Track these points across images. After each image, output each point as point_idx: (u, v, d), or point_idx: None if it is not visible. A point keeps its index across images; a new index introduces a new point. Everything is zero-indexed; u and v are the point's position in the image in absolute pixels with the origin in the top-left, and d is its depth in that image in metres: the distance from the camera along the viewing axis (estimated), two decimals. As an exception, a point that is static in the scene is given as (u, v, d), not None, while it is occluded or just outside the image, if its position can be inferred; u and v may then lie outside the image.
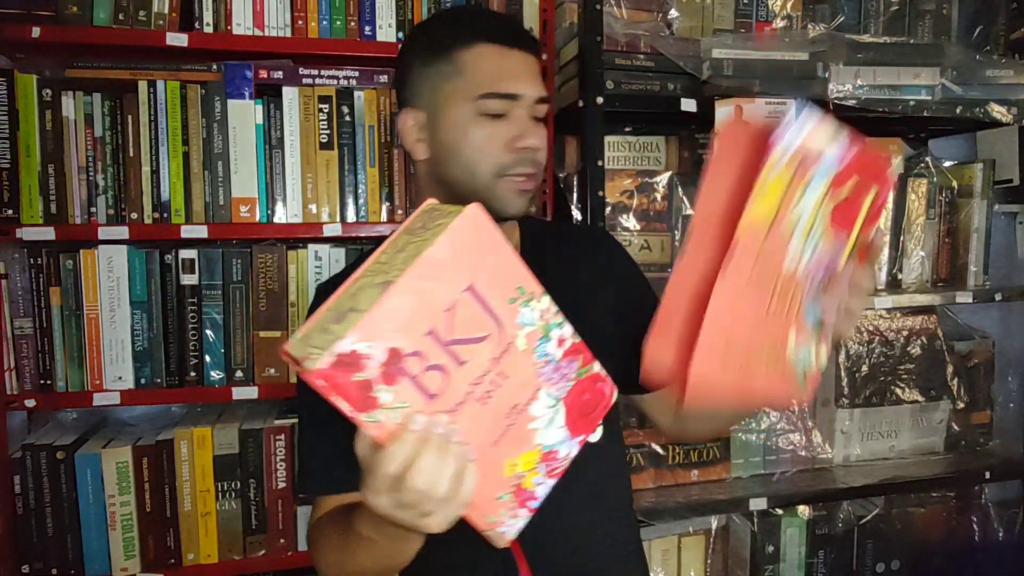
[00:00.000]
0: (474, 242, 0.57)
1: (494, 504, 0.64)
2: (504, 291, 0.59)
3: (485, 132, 0.85)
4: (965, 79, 1.50)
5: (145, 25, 1.33)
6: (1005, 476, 1.69)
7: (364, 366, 0.52)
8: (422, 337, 0.55)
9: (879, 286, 1.66)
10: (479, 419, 0.60)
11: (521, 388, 0.62)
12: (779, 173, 0.60)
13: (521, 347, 0.61)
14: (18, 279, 1.34)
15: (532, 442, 0.64)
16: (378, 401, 0.54)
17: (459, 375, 0.58)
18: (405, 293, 0.53)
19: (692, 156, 1.57)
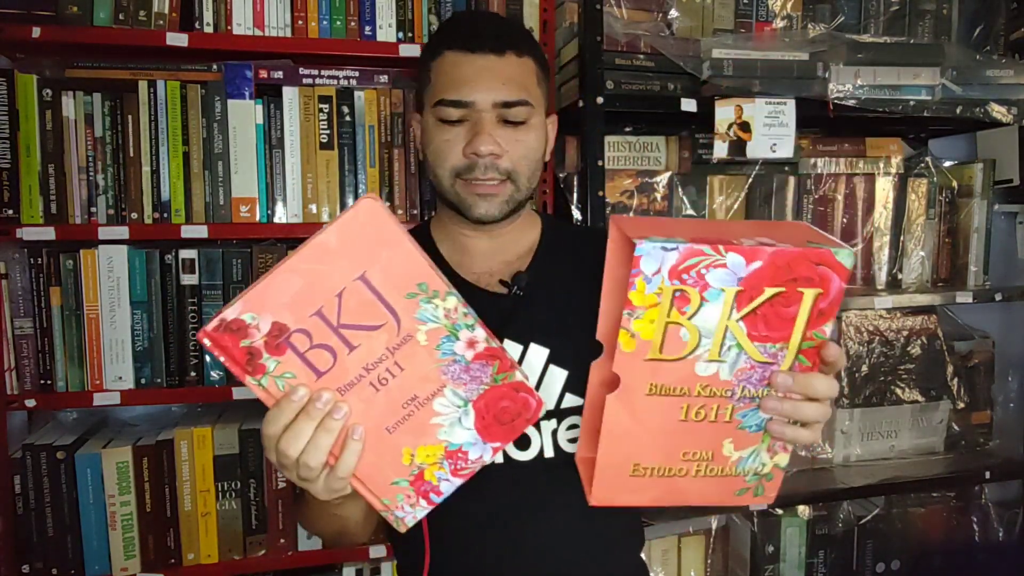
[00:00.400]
0: (367, 235, 0.59)
1: (388, 488, 0.67)
2: (401, 285, 0.61)
3: (441, 138, 0.87)
4: (965, 79, 1.50)
5: (145, 25, 1.33)
6: (1005, 476, 1.69)
7: (250, 334, 0.59)
8: (310, 317, 0.59)
9: (879, 286, 1.67)
10: (373, 403, 0.63)
11: (421, 381, 0.64)
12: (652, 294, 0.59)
13: (422, 342, 0.62)
14: (18, 279, 1.34)
15: (435, 436, 0.66)
16: (265, 368, 0.60)
17: (350, 358, 0.61)
18: (292, 273, 0.58)
19: (692, 156, 1.57)
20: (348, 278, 0.59)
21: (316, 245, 0.58)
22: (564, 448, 0.88)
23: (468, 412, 0.66)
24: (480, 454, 0.67)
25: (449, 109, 0.86)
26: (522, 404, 0.67)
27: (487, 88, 0.86)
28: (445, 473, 0.67)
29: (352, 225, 0.58)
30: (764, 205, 1.60)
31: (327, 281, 0.59)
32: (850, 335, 1.63)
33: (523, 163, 0.88)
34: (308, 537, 1.44)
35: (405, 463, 0.66)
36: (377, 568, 1.50)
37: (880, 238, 1.67)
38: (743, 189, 1.59)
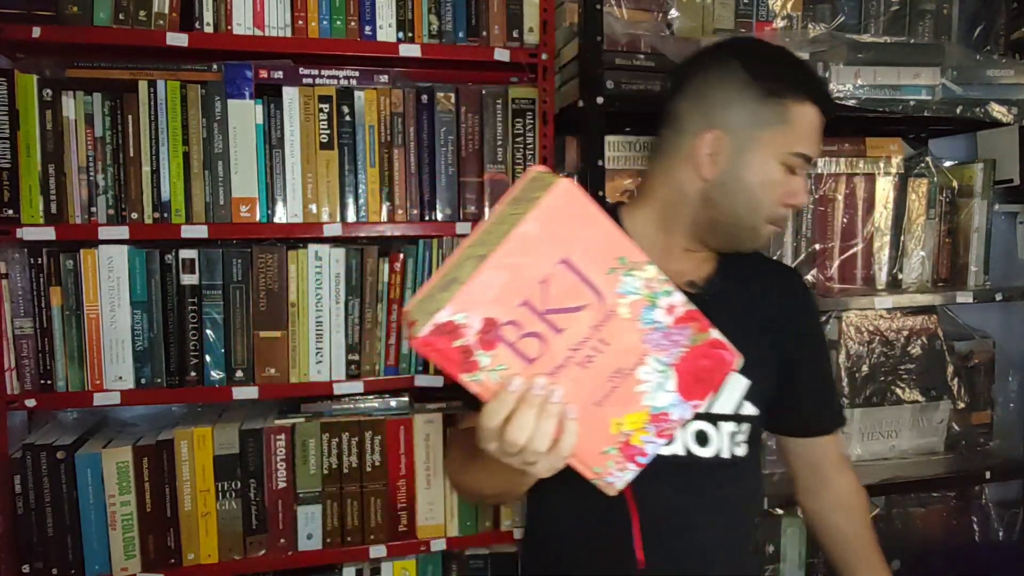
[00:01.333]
0: (567, 217, 0.60)
1: (600, 457, 0.69)
2: (602, 262, 0.62)
3: (779, 182, 0.92)
4: (965, 79, 1.50)
5: (145, 25, 1.33)
6: (1005, 476, 1.69)
7: (462, 334, 0.59)
8: (517, 307, 0.60)
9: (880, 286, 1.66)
10: (581, 381, 0.64)
11: (625, 354, 0.65)
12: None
13: (624, 315, 0.64)
14: (18, 279, 1.34)
15: (639, 403, 0.68)
16: (478, 364, 0.61)
17: (557, 341, 0.63)
18: (497, 268, 0.59)
19: (692, 156, 1.57)
20: (551, 263, 0.60)
21: (518, 237, 0.59)
22: (735, 452, 0.96)
23: (670, 376, 0.68)
24: (682, 414, 0.69)
25: (800, 160, 0.92)
26: (719, 360, 0.69)
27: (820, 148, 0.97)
28: (650, 436, 0.69)
29: (552, 210, 0.59)
30: (764, 205, 1.60)
31: (531, 270, 0.60)
32: (850, 335, 1.63)
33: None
34: (308, 537, 1.44)
35: (613, 432, 0.68)
36: (377, 568, 1.50)
37: (880, 238, 1.66)
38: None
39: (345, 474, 1.45)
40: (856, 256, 1.66)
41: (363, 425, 1.45)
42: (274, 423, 1.44)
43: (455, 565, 1.54)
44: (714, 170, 0.92)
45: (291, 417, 1.45)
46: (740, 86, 0.92)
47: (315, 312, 1.42)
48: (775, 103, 0.91)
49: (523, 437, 0.63)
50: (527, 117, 1.48)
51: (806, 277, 1.64)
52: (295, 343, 1.42)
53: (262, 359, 1.41)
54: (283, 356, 1.42)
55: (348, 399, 1.49)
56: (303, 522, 1.44)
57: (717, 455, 0.94)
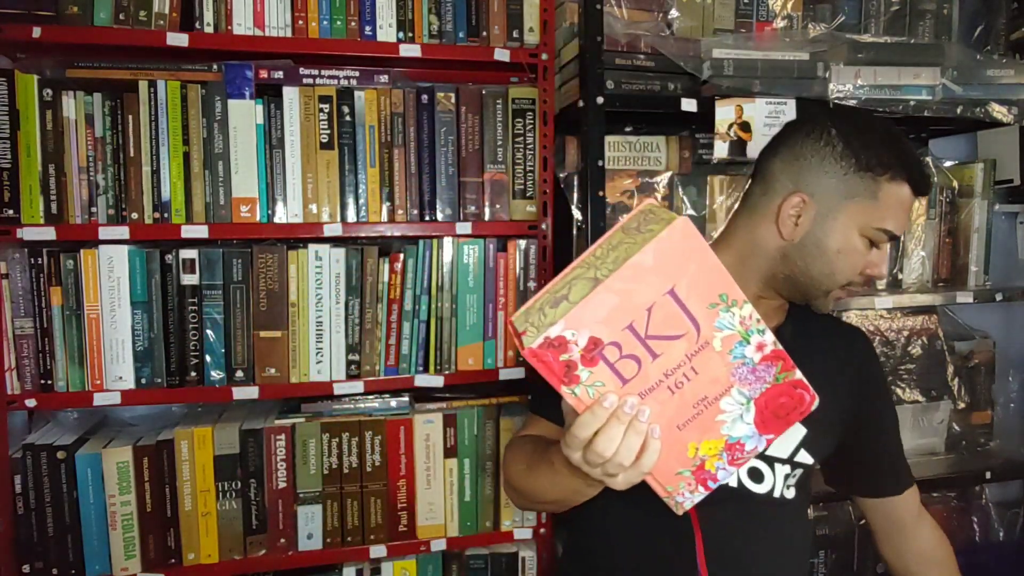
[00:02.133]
0: (679, 251, 0.64)
1: (674, 477, 0.73)
2: (704, 296, 0.66)
3: (860, 254, 0.94)
4: (966, 79, 1.50)
5: (145, 25, 1.33)
6: (1006, 476, 1.69)
7: (569, 349, 0.64)
8: (621, 331, 0.65)
9: (880, 286, 1.66)
10: (668, 404, 0.69)
11: (712, 383, 0.69)
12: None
13: (717, 348, 0.68)
14: (19, 279, 1.34)
15: (718, 432, 0.72)
16: (579, 378, 0.66)
17: (652, 366, 0.67)
18: (609, 292, 0.63)
19: (693, 156, 1.57)
20: (659, 293, 0.65)
21: (633, 265, 0.63)
22: (785, 495, 0.97)
23: (750, 409, 0.71)
24: (756, 445, 0.73)
25: (886, 239, 0.94)
26: (798, 399, 0.72)
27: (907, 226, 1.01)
28: (723, 463, 0.73)
29: (667, 244, 0.63)
30: (764, 205, 1.60)
31: (640, 297, 0.64)
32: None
33: None
34: (308, 537, 1.44)
35: (690, 456, 0.72)
36: (377, 568, 1.50)
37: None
38: (743, 189, 1.59)
39: (345, 474, 1.45)
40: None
41: (363, 425, 1.45)
42: (274, 423, 1.44)
43: (455, 565, 1.54)
44: (796, 232, 0.95)
45: (291, 417, 1.45)
46: (836, 155, 0.93)
47: (315, 312, 1.42)
48: (869, 178, 0.92)
49: (610, 450, 0.67)
50: (527, 117, 1.48)
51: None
52: (295, 343, 1.42)
53: (262, 359, 1.41)
54: (283, 356, 1.42)
55: (348, 399, 1.49)
56: (303, 522, 1.44)
57: (770, 493, 0.96)
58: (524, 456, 0.93)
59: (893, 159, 0.93)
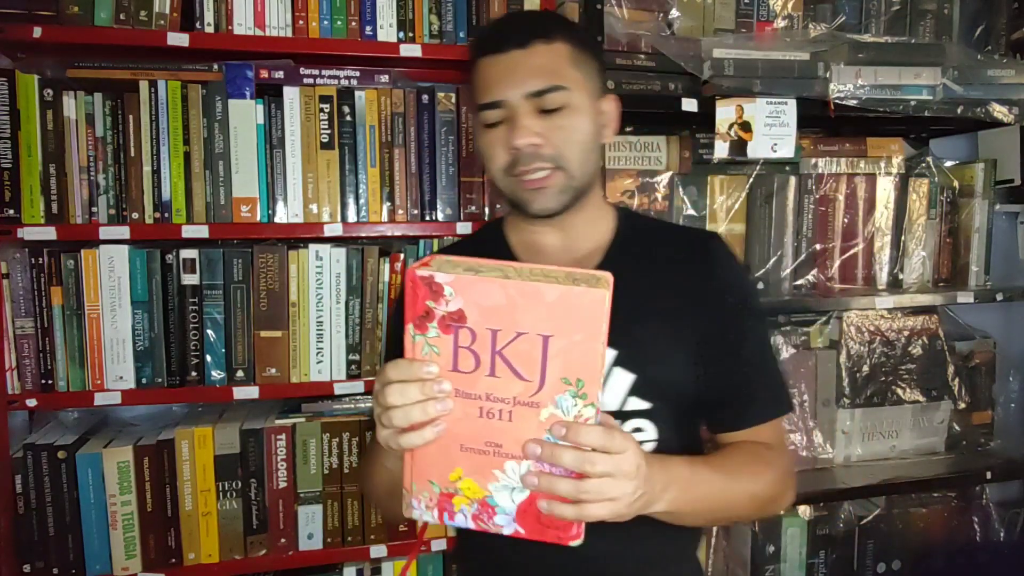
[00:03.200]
0: (579, 315, 0.63)
1: (423, 481, 0.71)
2: (566, 369, 0.65)
3: (486, 140, 0.90)
4: (966, 79, 1.50)
5: (146, 25, 1.33)
6: (1006, 476, 1.69)
7: (439, 302, 0.65)
8: (485, 328, 0.65)
9: (880, 286, 1.66)
10: (469, 422, 0.68)
11: (515, 441, 0.68)
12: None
13: (542, 417, 0.67)
14: (19, 279, 1.34)
15: (485, 483, 0.69)
16: (426, 329, 0.66)
17: (485, 379, 0.67)
18: (503, 290, 0.64)
19: (693, 156, 1.57)
20: (536, 329, 0.65)
21: (536, 290, 0.64)
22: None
23: (524, 492, 0.69)
24: (503, 524, 0.71)
25: (487, 113, 0.89)
26: (562, 528, 0.70)
27: (515, 83, 0.87)
28: (468, 512, 0.71)
29: (576, 299, 0.63)
30: (765, 205, 1.60)
31: (521, 317, 0.65)
32: (851, 335, 1.63)
33: (569, 148, 0.88)
34: (308, 537, 1.44)
35: (450, 478, 0.70)
36: (378, 568, 1.50)
37: (881, 238, 1.66)
38: (744, 189, 1.59)
39: (346, 474, 1.45)
40: (857, 256, 1.66)
41: (364, 425, 1.45)
42: (275, 423, 1.44)
43: (456, 565, 1.54)
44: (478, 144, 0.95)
45: (292, 417, 1.45)
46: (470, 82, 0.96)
47: (316, 312, 1.42)
48: (470, 84, 0.94)
49: (393, 401, 0.67)
50: (528, 117, 1.48)
51: (806, 277, 1.64)
52: (296, 343, 1.42)
53: (263, 359, 1.41)
54: (284, 356, 1.42)
55: (349, 399, 1.49)
56: (304, 522, 1.44)
57: None
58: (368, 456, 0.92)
59: (470, 54, 0.94)
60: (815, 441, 1.63)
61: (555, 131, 0.87)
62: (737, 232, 1.60)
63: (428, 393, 0.67)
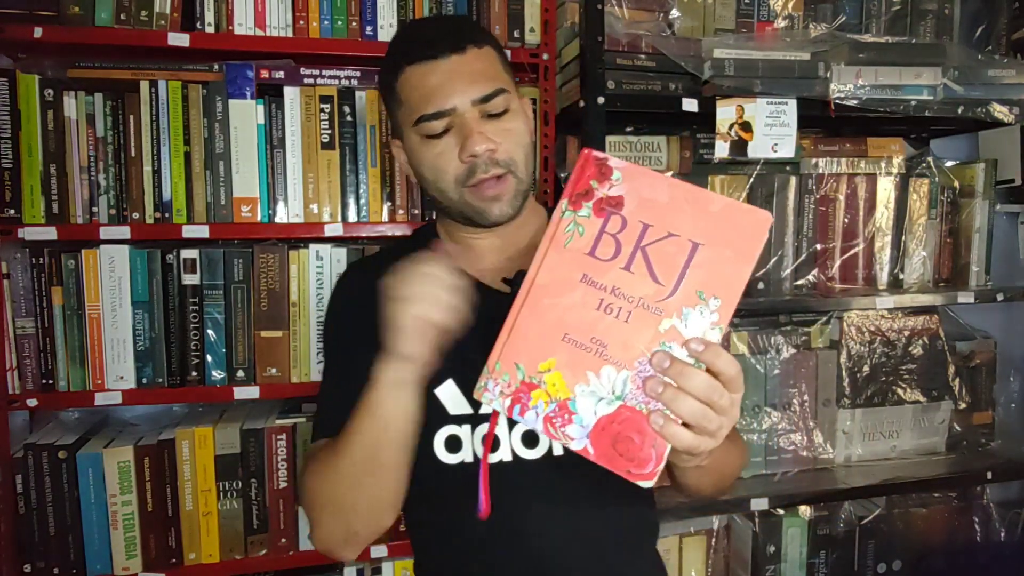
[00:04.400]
0: (735, 232, 0.62)
1: (510, 363, 0.67)
2: (705, 283, 0.63)
3: (432, 153, 0.86)
4: (967, 79, 1.50)
5: (147, 25, 1.33)
6: (1007, 476, 1.68)
7: (603, 184, 0.66)
8: (638, 220, 0.64)
9: (881, 286, 1.66)
10: (584, 311, 0.65)
11: (622, 344, 0.63)
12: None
13: (662, 328, 0.63)
14: (20, 279, 1.34)
15: (574, 383, 0.64)
16: (580, 207, 0.66)
17: (616, 272, 0.64)
18: (672, 188, 0.64)
19: (693, 156, 1.57)
20: (688, 234, 0.63)
21: (704, 196, 0.63)
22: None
23: (612, 404, 0.64)
24: (574, 437, 0.65)
25: (432, 123, 0.84)
26: (642, 456, 0.63)
27: (461, 90, 0.84)
28: (542, 411, 0.66)
29: (740, 214, 0.62)
30: (765, 205, 1.60)
31: (677, 219, 0.63)
32: (852, 335, 1.63)
33: (518, 151, 0.87)
34: (309, 537, 1.44)
35: (540, 367, 0.66)
36: (378, 568, 1.50)
37: (881, 238, 1.66)
38: (744, 189, 1.59)
39: (346, 474, 1.45)
40: (857, 256, 1.66)
41: (364, 425, 1.45)
42: (275, 423, 1.44)
43: None
44: (416, 176, 0.92)
45: (292, 417, 1.45)
46: (381, 91, 0.94)
47: (316, 312, 1.42)
48: (390, 94, 0.89)
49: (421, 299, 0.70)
50: (528, 117, 1.48)
51: (807, 277, 1.64)
52: (296, 343, 1.42)
53: (263, 359, 1.41)
54: (284, 356, 1.42)
55: (349, 399, 1.49)
56: (304, 522, 1.44)
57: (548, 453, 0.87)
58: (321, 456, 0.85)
59: (390, 61, 0.89)
60: (815, 441, 1.63)
61: (503, 135, 0.85)
62: (737, 232, 1.60)
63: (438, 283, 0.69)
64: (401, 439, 0.79)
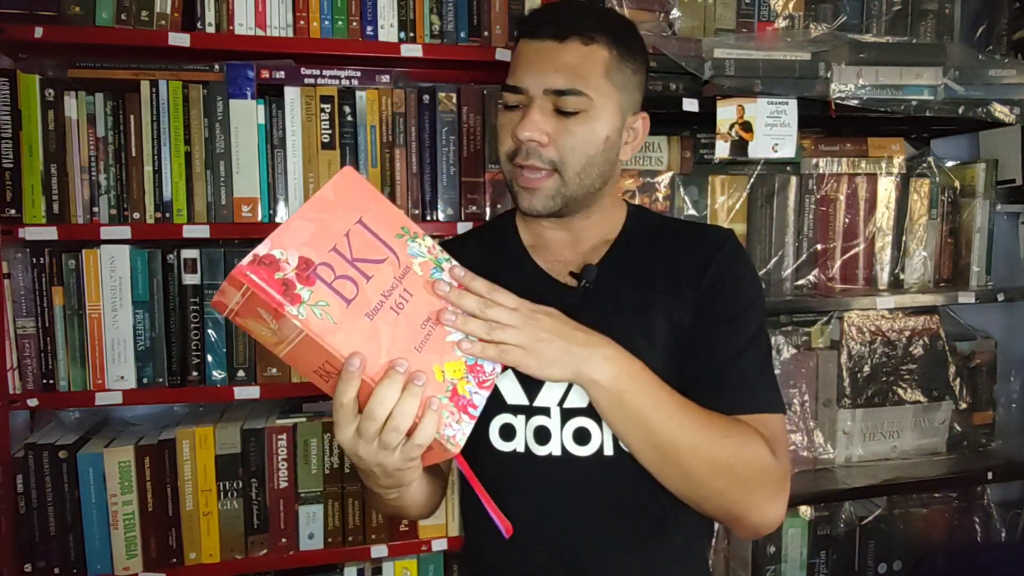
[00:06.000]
0: (356, 191, 0.73)
1: (437, 410, 0.71)
2: (390, 228, 0.74)
3: (501, 121, 0.89)
4: (967, 79, 1.50)
5: (147, 25, 1.33)
6: (1007, 477, 1.68)
7: (282, 267, 0.66)
8: (328, 252, 0.69)
9: (881, 286, 1.66)
10: (397, 325, 0.71)
11: (428, 304, 0.74)
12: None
13: (418, 272, 0.75)
14: (21, 279, 1.34)
15: (454, 353, 0.74)
16: (301, 297, 0.66)
17: (369, 286, 0.71)
18: (304, 220, 0.69)
19: (694, 156, 1.57)
20: (349, 222, 0.72)
21: (317, 199, 0.71)
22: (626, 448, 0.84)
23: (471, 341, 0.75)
24: (493, 367, 0.76)
25: (507, 94, 0.88)
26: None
27: (538, 74, 0.84)
28: (473, 386, 0.74)
29: (342, 184, 0.73)
30: (766, 205, 1.60)
31: (333, 224, 0.71)
32: (852, 335, 1.63)
33: (572, 155, 0.85)
34: (309, 537, 1.44)
35: (439, 380, 0.72)
36: (379, 568, 1.50)
37: (882, 238, 1.66)
38: (745, 189, 1.59)
39: (346, 474, 1.45)
40: (858, 256, 1.66)
41: (364, 425, 1.45)
42: (276, 423, 1.44)
43: (456, 565, 1.54)
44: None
45: (293, 417, 1.45)
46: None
47: (317, 312, 1.42)
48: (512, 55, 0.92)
49: (382, 411, 0.66)
50: (529, 117, 1.48)
51: (807, 277, 1.64)
52: (297, 343, 1.42)
53: (263, 359, 1.41)
54: (285, 356, 1.42)
55: (349, 399, 1.49)
56: (304, 522, 1.44)
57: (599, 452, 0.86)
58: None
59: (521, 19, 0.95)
60: (816, 441, 1.63)
61: (563, 135, 0.84)
62: (738, 232, 1.59)
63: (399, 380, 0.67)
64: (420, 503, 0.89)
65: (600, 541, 0.87)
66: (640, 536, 0.88)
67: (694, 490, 0.82)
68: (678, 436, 0.79)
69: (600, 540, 0.87)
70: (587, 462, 0.86)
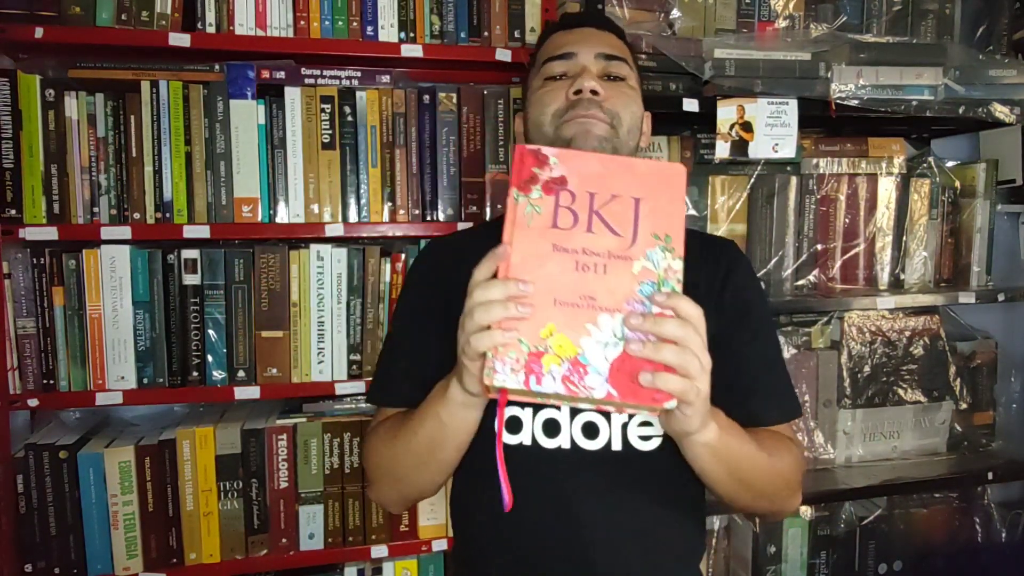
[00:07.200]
0: (664, 183, 0.75)
1: (512, 340, 0.69)
2: (656, 226, 0.73)
3: (546, 89, 0.95)
4: (968, 79, 1.50)
5: (148, 25, 1.33)
6: (1008, 477, 1.68)
7: (544, 168, 0.74)
8: (585, 191, 0.74)
9: (882, 286, 1.66)
10: (565, 275, 0.71)
11: (609, 292, 0.71)
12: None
13: (634, 270, 0.72)
14: (21, 279, 1.34)
15: (578, 338, 0.70)
16: (530, 190, 0.74)
17: (582, 235, 0.73)
18: (600, 162, 0.75)
19: (694, 156, 1.57)
20: (628, 193, 0.74)
21: (628, 160, 0.76)
22: (634, 445, 0.89)
23: (617, 346, 0.69)
24: (595, 387, 0.69)
25: (554, 64, 0.95)
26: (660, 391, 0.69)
27: (589, 44, 0.95)
28: (558, 372, 0.69)
29: (662, 169, 0.75)
30: (766, 205, 1.60)
31: (615, 183, 0.74)
32: (852, 335, 1.63)
33: (625, 113, 0.94)
34: (309, 537, 1.44)
35: (542, 335, 0.70)
36: (379, 568, 1.50)
37: (882, 238, 1.66)
38: (745, 189, 1.59)
39: (347, 474, 1.45)
40: (858, 256, 1.66)
41: (365, 425, 1.45)
42: (276, 423, 1.44)
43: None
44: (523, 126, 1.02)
45: (293, 417, 1.46)
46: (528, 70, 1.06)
47: (317, 312, 1.43)
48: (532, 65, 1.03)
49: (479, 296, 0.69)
50: (529, 117, 1.48)
51: (807, 277, 1.64)
52: (297, 343, 1.42)
53: (264, 359, 1.41)
54: (285, 356, 1.42)
55: (350, 399, 1.49)
56: (305, 522, 1.44)
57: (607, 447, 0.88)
58: (387, 434, 0.91)
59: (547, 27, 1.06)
60: (816, 441, 1.63)
61: (617, 94, 0.93)
62: (738, 232, 1.60)
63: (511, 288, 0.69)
64: (461, 444, 0.86)
65: (606, 534, 0.88)
66: (644, 530, 0.89)
67: (754, 500, 0.90)
68: (753, 469, 0.86)
69: (606, 533, 0.88)
70: (595, 456, 0.88)
